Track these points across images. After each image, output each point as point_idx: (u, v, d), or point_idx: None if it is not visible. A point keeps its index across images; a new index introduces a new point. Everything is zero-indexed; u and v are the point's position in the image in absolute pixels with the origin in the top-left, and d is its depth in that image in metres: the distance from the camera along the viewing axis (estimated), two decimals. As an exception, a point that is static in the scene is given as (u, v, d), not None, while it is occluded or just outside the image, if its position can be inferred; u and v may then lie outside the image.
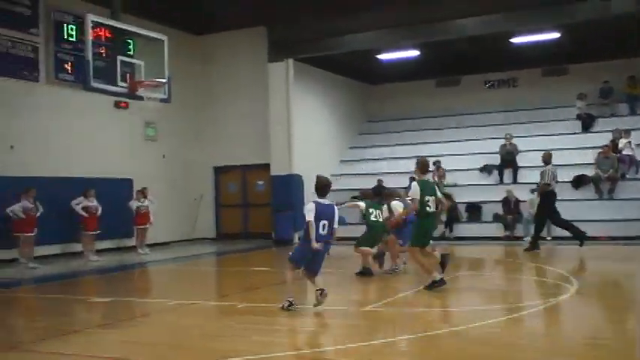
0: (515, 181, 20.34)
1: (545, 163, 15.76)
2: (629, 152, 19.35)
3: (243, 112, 21.80)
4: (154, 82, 13.16)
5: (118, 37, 12.72)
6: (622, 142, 19.55)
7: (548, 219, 15.93)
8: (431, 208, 9.97)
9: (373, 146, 24.37)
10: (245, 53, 21.82)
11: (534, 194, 16.87)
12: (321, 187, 8.73)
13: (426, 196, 9.89)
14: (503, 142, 21.12)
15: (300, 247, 8.71)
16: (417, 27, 18.84)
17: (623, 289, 10.95)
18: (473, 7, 17.92)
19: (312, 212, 8.39)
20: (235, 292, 11.08)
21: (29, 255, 15.11)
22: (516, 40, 20.75)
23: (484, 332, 7.34)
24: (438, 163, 20.90)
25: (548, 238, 17.39)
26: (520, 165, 20.51)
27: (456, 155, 22.12)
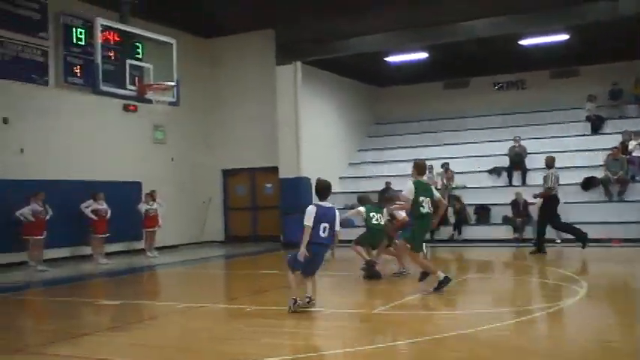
0: (524, 183, 20.27)
1: (548, 166, 15.69)
2: (639, 154, 19.26)
3: (252, 115, 21.85)
4: (162, 86, 13.19)
5: (126, 40, 12.77)
6: (632, 143, 19.46)
7: (549, 223, 15.84)
8: (424, 209, 9.94)
9: (381, 149, 24.34)
10: (253, 56, 21.87)
11: (536, 199, 16.71)
12: (322, 189, 8.73)
13: (421, 197, 9.89)
14: (512, 144, 21.07)
15: (297, 252, 8.67)
16: (425, 29, 18.83)
17: (634, 292, 10.87)
18: (481, 9, 17.90)
19: (312, 216, 8.39)
20: (244, 295, 11.08)
21: (39, 258, 15.17)
22: (525, 41, 20.68)
23: (493, 335, 7.30)
24: (446, 166, 20.87)
25: (558, 241, 17.31)
26: (529, 167, 20.45)
27: (465, 157, 22.07)
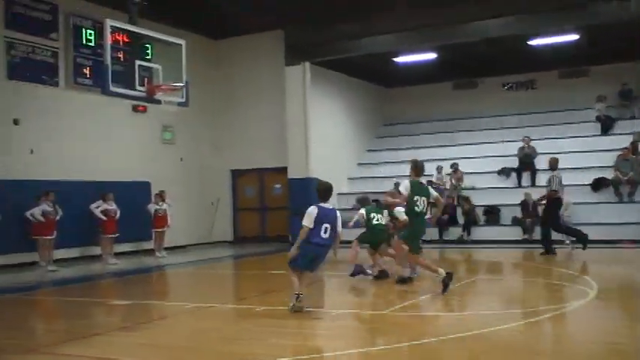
0: (533, 184, 20.20)
1: (551, 168, 15.61)
2: (650, 154, 19.18)
3: (261, 115, 21.88)
4: (171, 86, 13.22)
5: (136, 41, 12.81)
6: (642, 144, 19.37)
7: (553, 227, 15.77)
8: (419, 208, 10.06)
9: (390, 149, 24.31)
10: (262, 57, 21.90)
11: (542, 201, 16.61)
12: (323, 191, 8.78)
13: (416, 196, 10.00)
14: (521, 144, 21.00)
15: (300, 252, 8.71)
16: (434, 29, 18.81)
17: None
18: (491, 9, 17.85)
19: (312, 217, 8.46)
20: (253, 295, 11.09)
21: (49, 258, 15.24)
22: (534, 42, 20.61)
23: (502, 336, 7.27)
24: (455, 166, 20.84)
25: (567, 242, 17.24)
26: (538, 168, 20.36)
27: (474, 158, 22.03)
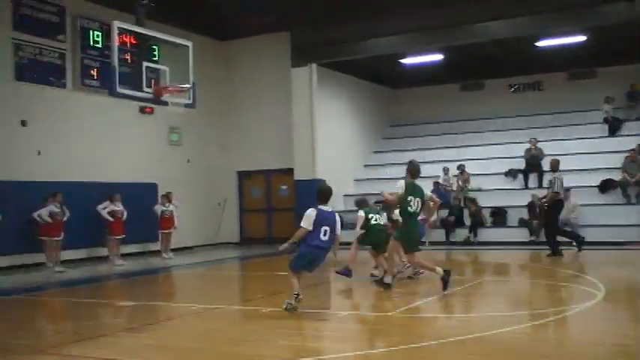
0: (540, 185, 20.10)
1: (553, 170, 15.56)
2: (657, 156, 19.10)
3: (267, 117, 21.91)
4: (178, 88, 13.24)
5: (143, 43, 12.83)
6: (650, 145, 19.29)
7: (545, 226, 15.74)
8: (412, 209, 10.13)
9: (397, 151, 24.26)
10: (268, 58, 21.94)
11: (545, 203, 16.51)
12: (323, 194, 8.85)
13: (410, 196, 10.08)
14: (528, 146, 20.94)
15: (299, 253, 8.79)
16: (440, 31, 18.79)
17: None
18: (497, 11, 17.82)
19: (311, 219, 8.54)
20: (259, 297, 11.10)
21: (56, 259, 15.28)
22: (542, 43, 20.56)
23: (509, 338, 7.25)
24: (462, 168, 20.81)
25: (575, 244, 17.17)
26: (545, 169, 20.25)
27: (481, 160, 21.99)
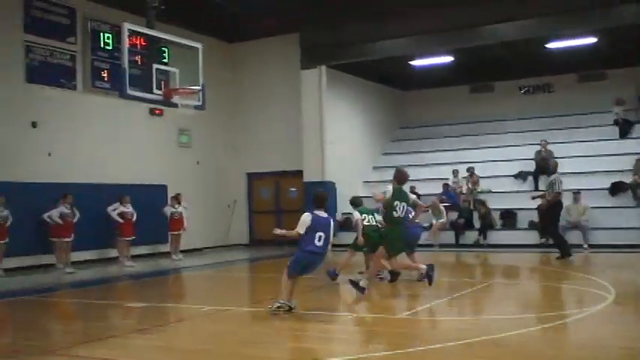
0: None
1: (553, 172, 15.55)
2: (669, 159, 18.99)
3: (276, 118, 21.94)
4: (188, 90, 13.27)
5: (153, 45, 12.88)
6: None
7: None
8: (397, 213, 10.27)
9: (406, 153, 24.24)
10: (277, 60, 21.97)
11: (541, 203, 16.43)
12: (318, 199, 9.00)
13: (396, 201, 10.24)
14: (538, 148, 20.87)
15: (295, 258, 8.84)
16: (450, 33, 18.74)
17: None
18: (507, 12, 17.76)
19: (305, 224, 8.62)
20: (269, 298, 11.01)
21: (66, 260, 15.34)
22: (551, 45, 20.48)
23: (518, 341, 7.22)
24: (471, 170, 20.75)
25: (585, 246, 17.14)
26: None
27: (490, 162, 21.92)
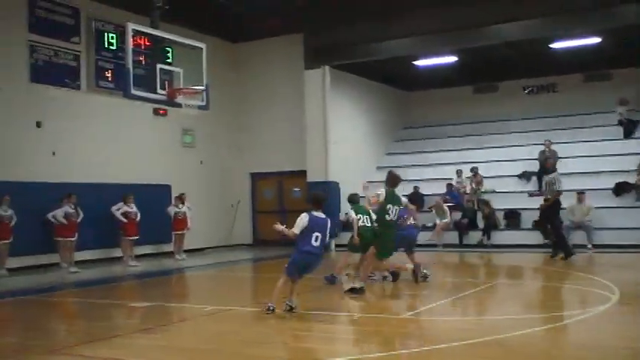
0: (554, 188, 20.03)
1: (552, 170, 15.53)
2: (673, 158, 18.95)
3: (280, 118, 21.95)
4: (192, 90, 13.28)
5: (157, 45, 12.88)
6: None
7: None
8: (390, 216, 10.41)
9: (410, 153, 24.24)
10: (281, 60, 21.98)
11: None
12: (317, 201, 9.05)
13: (389, 205, 10.39)
14: (542, 148, 20.83)
15: (292, 259, 8.89)
16: (454, 33, 18.72)
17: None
18: (511, 12, 17.72)
19: (301, 225, 8.69)
20: (279, 299, 11.09)
21: (70, 260, 15.37)
22: (556, 45, 20.44)
23: (521, 342, 7.22)
24: (475, 170, 20.72)
25: (589, 246, 17.11)
26: (560, 172, 20.11)
27: (494, 162, 21.89)
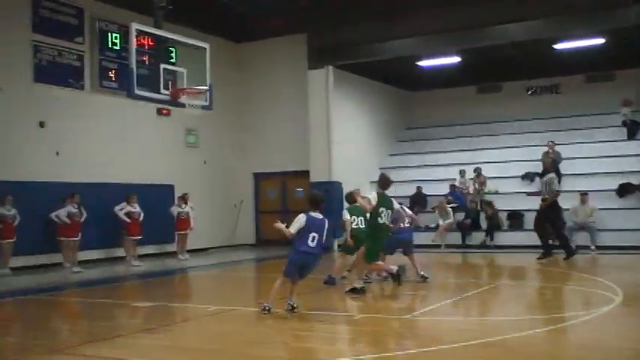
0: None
1: (547, 172, 15.50)
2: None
3: (283, 119, 21.96)
4: (195, 90, 13.29)
5: (160, 45, 12.90)
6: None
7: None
8: (382, 220, 10.41)
9: (413, 153, 24.23)
10: (284, 60, 21.98)
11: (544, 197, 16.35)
12: (314, 201, 9.08)
13: (381, 207, 10.38)
14: (545, 149, 20.79)
15: (289, 259, 8.94)
16: (457, 33, 18.70)
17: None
18: (515, 13, 17.70)
19: (298, 225, 8.74)
20: (276, 299, 11.10)
21: (73, 259, 15.39)
22: (559, 46, 20.41)
23: (524, 343, 7.21)
24: (478, 170, 20.70)
25: (592, 248, 17.09)
26: (563, 173, 20.15)
27: (497, 163, 21.88)
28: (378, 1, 19.48)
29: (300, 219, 8.77)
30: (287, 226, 8.85)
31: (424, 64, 22.47)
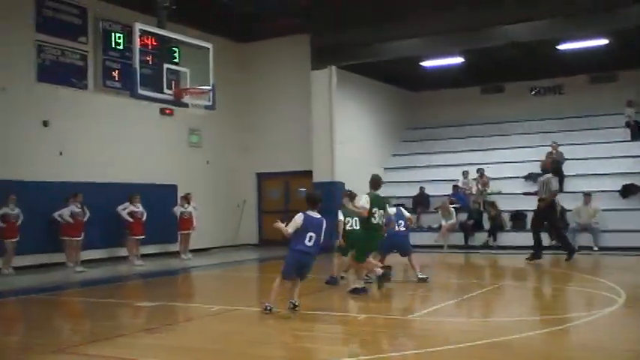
0: (561, 189, 19.92)
1: (545, 172, 15.50)
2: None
3: (286, 119, 21.97)
4: (198, 90, 13.30)
5: (163, 45, 12.90)
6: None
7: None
8: (375, 220, 10.44)
9: (416, 153, 24.22)
10: (288, 61, 21.99)
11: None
12: (312, 200, 9.07)
13: (374, 208, 10.40)
14: (549, 149, 20.77)
15: (286, 259, 8.99)
16: (461, 33, 18.68)
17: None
18: (519, 14, 17.68)
19: (296, 224, 8.73)
20: (278, 299, 11.10)
21: (76, 259, 15.42)
22: (563, 46, 20.38)
23: (526, 344, 7.21)
24: (481, 171, 20.68)
25: (595, 249, 17.07)
26: (566, 174, 20.13)
27: (501, 163, 21.85)
28: (382, 1, 19.48)
29: (297, 219, 8.77)
30: (287, 226, 8.82)
31: (427, 64, 22.45)
